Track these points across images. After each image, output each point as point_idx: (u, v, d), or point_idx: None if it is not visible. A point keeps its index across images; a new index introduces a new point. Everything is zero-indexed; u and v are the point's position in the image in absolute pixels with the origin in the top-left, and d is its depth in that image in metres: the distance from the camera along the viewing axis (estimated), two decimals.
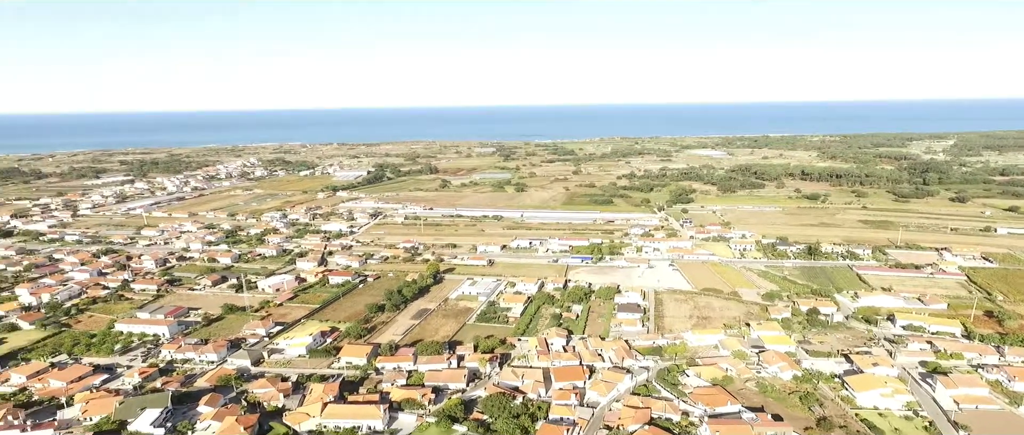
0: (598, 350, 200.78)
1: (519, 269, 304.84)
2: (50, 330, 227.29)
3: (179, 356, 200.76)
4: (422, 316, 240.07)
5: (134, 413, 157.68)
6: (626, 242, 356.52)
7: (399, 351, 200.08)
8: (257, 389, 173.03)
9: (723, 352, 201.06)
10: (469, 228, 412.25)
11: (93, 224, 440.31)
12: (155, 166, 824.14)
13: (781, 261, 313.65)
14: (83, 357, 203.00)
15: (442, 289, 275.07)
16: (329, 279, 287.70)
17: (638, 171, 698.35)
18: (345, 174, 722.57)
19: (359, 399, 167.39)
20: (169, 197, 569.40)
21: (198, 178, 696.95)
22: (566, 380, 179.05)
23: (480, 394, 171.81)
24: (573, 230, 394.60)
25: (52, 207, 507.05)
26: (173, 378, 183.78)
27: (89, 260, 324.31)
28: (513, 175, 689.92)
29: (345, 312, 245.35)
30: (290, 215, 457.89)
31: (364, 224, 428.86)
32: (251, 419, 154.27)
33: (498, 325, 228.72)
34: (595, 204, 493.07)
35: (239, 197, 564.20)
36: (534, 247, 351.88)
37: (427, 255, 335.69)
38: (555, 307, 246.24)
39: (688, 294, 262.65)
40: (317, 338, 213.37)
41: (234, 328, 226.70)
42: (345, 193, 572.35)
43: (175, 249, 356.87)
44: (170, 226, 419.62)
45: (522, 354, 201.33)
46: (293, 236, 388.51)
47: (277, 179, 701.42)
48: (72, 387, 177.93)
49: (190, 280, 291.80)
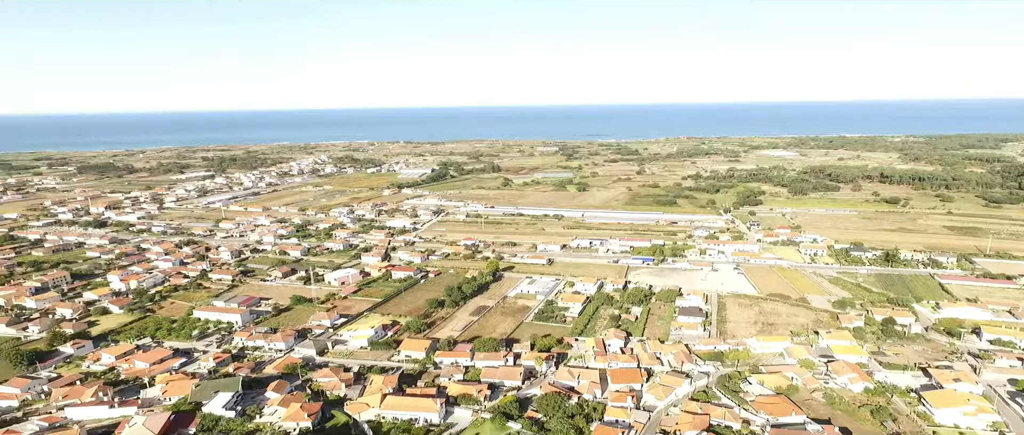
0: (657, 353, 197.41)
1: (578, 269, 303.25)
2: (136, 314, 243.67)
3: (250, 343, 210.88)
4: (480, 313, 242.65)
5: (208, 395, 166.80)
6: (689, 244, 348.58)
7: (457, 347, 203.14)
8: (321, 378, 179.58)
9: (789, 360, 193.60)
10: (529, 227, 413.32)
11: (176, 216, 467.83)
12: (233, 162, 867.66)
13: (855, 267, 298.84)
14: (164, 341, 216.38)
15: (501, 287, 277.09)
16: (392, 274, 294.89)
17: (704, 171, 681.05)
18: (410, 172, 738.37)
19: (417, 392, 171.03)
20: (245, 192, 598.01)
21: (272, 174, 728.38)
22: (623, 382, 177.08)
23: (535, 392, 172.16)
24: (635, 231, 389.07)
25: (141, 200, 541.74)
26: (244, 364, 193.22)
27: (172, 250, 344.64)
28: (575, 174, 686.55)
29: (406, 306, 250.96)
30: (357, 211, 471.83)
31: (427, 221, 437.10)
32: (314, 407, 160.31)
33: (555, 324, 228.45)
34: (658, 205, 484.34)
35: (309, 193, 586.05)
36: (594, 247, 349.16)
37: (487, 253, 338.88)
38: (614, 308, 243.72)
39: (753, 299, 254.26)
40: (379, 331, 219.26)
41: (301, 318, 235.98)
42: (409, 190, 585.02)
43: (249, 241, 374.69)
44: (245, 220, 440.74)
45: (579, 354, 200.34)
46: (359, 231, 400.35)
47: (346, 176, 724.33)
48: (154, 368, 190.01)
49: (262, 271, 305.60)
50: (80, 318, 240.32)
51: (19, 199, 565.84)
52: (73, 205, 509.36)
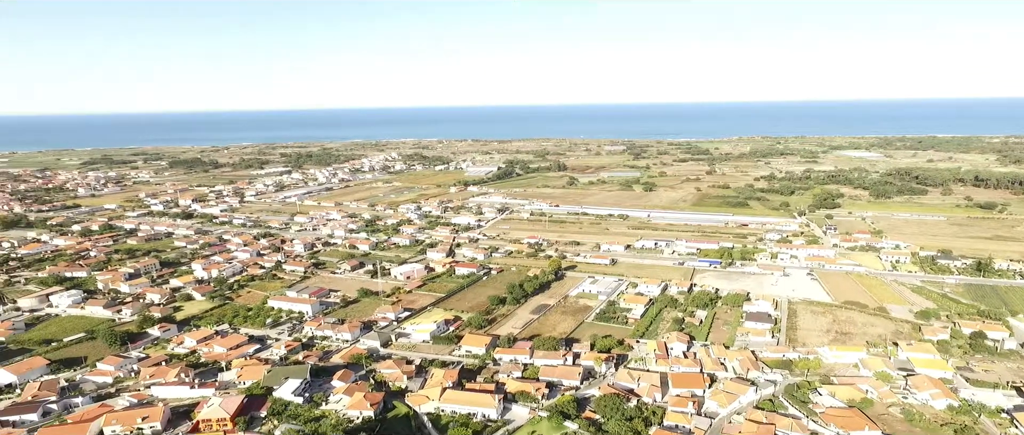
0: (721, 359, 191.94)
1: (642, 270, 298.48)
2: (217, 302, 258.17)
3: (319, 333, 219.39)
4: (541, 311, 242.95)
5: (279, 381, 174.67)
6: (760, 247, 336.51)
7: (517, 344, 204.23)
8: (384, 369, 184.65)
9: (864, 372, 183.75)
10: (593, 226, 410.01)
11: (255, 210, 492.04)
12: (309, 158, 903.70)
13: (942, 276, 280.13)
14: (241, 328, 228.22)
15: (563, 286, 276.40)
16: (455, 270, 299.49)
17: (778, 172, 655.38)
18: (476, 170, 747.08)
19: (476, 387, 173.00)
20: (319, 187, 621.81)
21: (345, 170, 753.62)
22: (684, 387, 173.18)
23: (594, 393, 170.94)
24: (702, 232, 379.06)
25: (224, 194, 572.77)
26: (312, 353, 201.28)
27: (250, 242, 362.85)
28: (642, 174, 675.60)
29: (468, 302, 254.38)
30: (424, 207, 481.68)
31: (491, 218, 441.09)
32: (377, 397, 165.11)
33: (617, 325, 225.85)
34: (728, 206, 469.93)
35: (379, 189, 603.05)
36: (659, 248, 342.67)
37: (550, 251, 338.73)
38: (678, 311, 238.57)
39: (827, 306, 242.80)
40: (441, 325, 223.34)
41: (367, 311, 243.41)
42: (475, 188, 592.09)
43: (321, 235, 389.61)
44: (318, 214, 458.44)
45: (639, 356, 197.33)
46: (425, 227, 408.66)
47: (414, 173, 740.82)
48: (231, 353, 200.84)
49: (332, 264, 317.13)
50: (167, 303, 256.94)
51: (118, 191, 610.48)
52: (164, 197, 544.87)
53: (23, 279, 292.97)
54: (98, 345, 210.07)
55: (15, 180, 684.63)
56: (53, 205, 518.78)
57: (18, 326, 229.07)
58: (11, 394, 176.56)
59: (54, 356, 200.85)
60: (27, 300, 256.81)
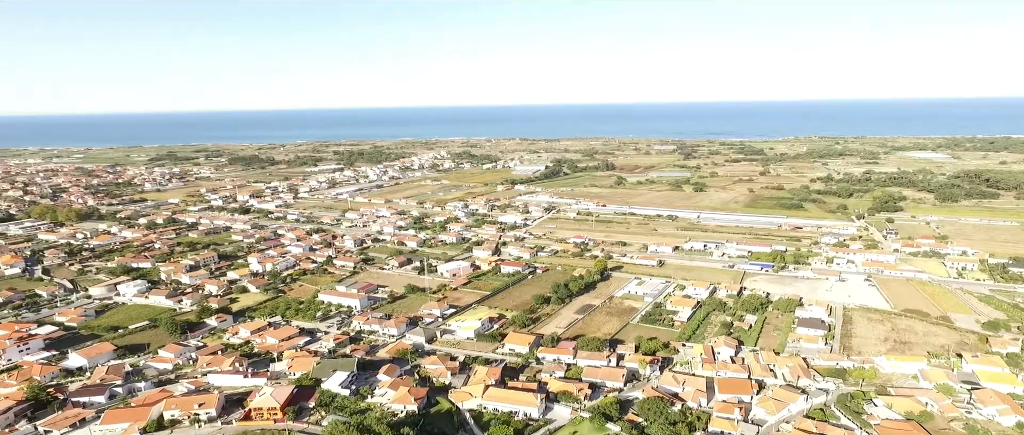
0: (770, 365, 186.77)
1: (690, 272, 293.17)
2: (270, 294, 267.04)
3: (366, 327, 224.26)
4: (586, 311, 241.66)
5: (327, 373, 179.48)
6: (815, 251, 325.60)
7: (560, 343, 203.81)
8: (428, 365, 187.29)
9: (924, 384, 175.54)
10: (641, 227, 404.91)
11: (308, 206, 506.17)
12: (361, 156, 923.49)
13: (1014, 285, 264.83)
14: (292, 320, 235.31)
15: (608, 286, 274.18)
16: (501, 268, 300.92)
17: (836, 173, 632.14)
18: (524, 168, 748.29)
19: (518, 385, 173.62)
20: (370, 184, 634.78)
21: (395, 168, 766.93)
22: (731, 392, 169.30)
23: (637, 396, 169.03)
24: (754, 235, 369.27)
25: (279, 190, 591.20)
26: (360, 346, 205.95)
27: (303, 237, 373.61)
28: (693, 174, 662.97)
29: (513, 301, 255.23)
30: (471, 205, 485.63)
31: (538, 217, 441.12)
32: (421, 392, 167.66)
33: (662, 328, 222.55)
34: (782, 208, 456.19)
35: (428, 187, 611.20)
36: (709, 250, 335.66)
37: (596, 251, 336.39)
38: (726, 315, 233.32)
39: (885, 314, 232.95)
40: (485, 323, 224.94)
41: (414, 307, 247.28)
42: (522, 187, 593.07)
43: (371, 231, 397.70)
44: (368, 211, 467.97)
45: (685, 360, 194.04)
46: (472, 225, 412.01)
47: (462, 171, 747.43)
48: (282, 345, 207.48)
49: (381, 260, 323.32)
50: (224, 295, 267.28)
51: (181, 186, 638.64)
52: (223, 193, 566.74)
53: (94, 268, 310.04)
54: (160, 333, 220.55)
55: (89, 175, 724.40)
56: (122, 199, 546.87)
57: (89, 313, 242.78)
58: (82, 377, 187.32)
59: (120, 342, 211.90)
60: (97, 289, 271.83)
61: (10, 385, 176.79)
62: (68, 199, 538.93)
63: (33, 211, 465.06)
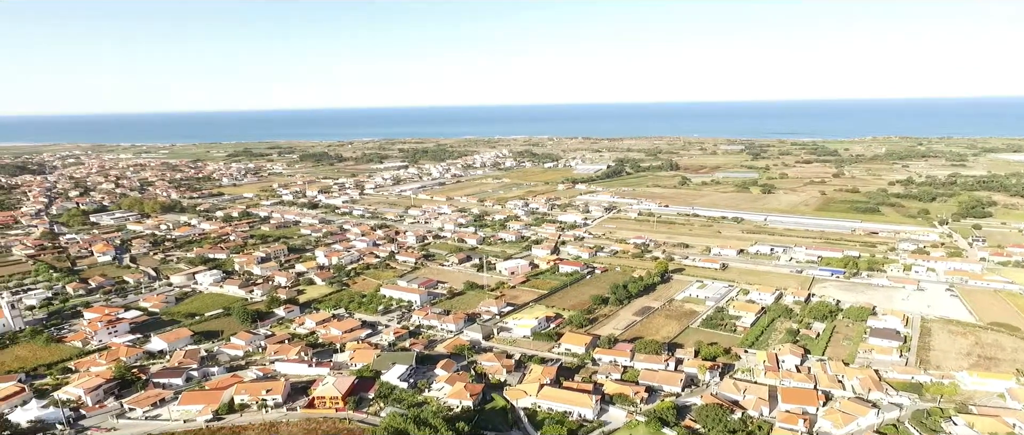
0: (839, 376, 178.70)
1: (755, 276, 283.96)
2: (335, 287, 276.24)
3: (425, 322, 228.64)
4: (644, 313, 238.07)
5: (387, 365, 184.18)
6: (891, 258, 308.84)
7: (617, 345, 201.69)
8: (485, 362, 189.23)
9: (1012, 404, 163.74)
10: (704, 228, 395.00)
11: (373, 202, 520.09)
12: (425, 154, 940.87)
13: None
14: (355, 313, 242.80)
15: (668, 289, 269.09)
16: (559, 267, 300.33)
17: (917, 176, 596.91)
18: (585, 167, 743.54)
19: (573, 386, 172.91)
20: (433, 182, 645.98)
21: (458, 166, 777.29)
22: (795, 402, 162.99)
23: (695, 401, 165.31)
24: (825, 239, 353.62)
25: (346, 186, 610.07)
26: (418, 341, 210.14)
27: (368, 232, 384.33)
28: (761, 175, 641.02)
29: (570, 300, 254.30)
30: (531, 204, 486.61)
31: (598, 217, 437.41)
32: (477, 388, 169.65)
33: (724, 333, 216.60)
34: (856, 212, 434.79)
35: (489, 185, 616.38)
36: (775, 254, 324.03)
37: (657, 253, 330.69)
38: (792, 322, 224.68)
39: (968, 327, 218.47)
40: (542, 322, 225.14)
41: (472, 304, 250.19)
42: (583, 186, 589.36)
43: (432, 228, 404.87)
44: (430, 208, 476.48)
45: (747, 367, 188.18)
46: (531, 224, 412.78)
47: (523, 170, 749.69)
48: (345, 336, 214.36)
49: (441, 257, 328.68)
50: (292, 286, 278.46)
51: (255, 181, 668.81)
52: (294, 188, 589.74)
53: (175, 258, 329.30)
54: (232, 321, 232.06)
55: (173, 170, 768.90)
56: (202, 193, 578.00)
57: (170, 300, 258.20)
58: (162, 359, 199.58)
59: (197, 328, 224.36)
60: (178, 277, 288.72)
61: (100, 364, 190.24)
62: (154, 192, 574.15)
63: (123, 203, 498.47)
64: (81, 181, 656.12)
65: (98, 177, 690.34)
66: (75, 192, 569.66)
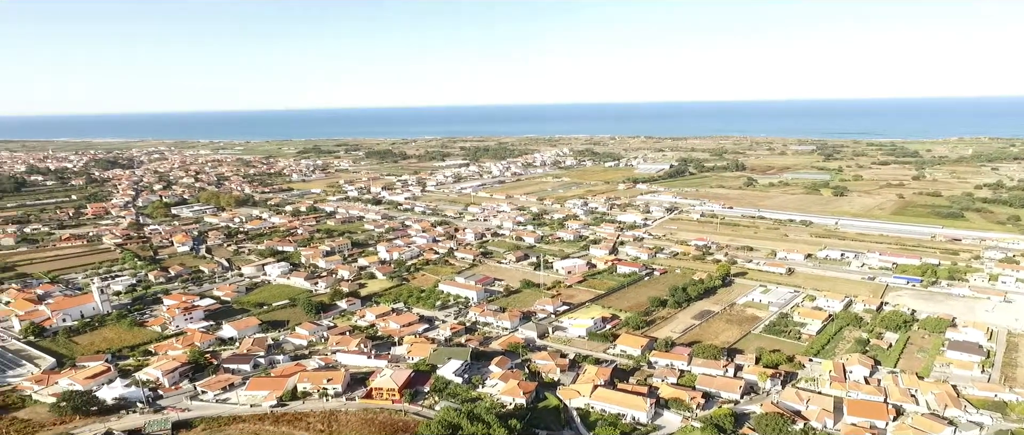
0: (912, 390, 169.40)
1: (823, 282, 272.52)
2: (395, 282, 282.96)
3: (481, 319, 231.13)
4: (704, 317, 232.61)
5: (443, 360, 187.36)
6: (975, 267, 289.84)
7: (674, 349, 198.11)
8: (539, 360, 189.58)
9: None
10: (770, 231, 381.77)
11: (434, 199, 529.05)
12: (485, 152, 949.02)
13: None
14: (413, 307, 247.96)
15: (730, 292, 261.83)
16: (617, 268, 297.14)
17: (1009, 179, 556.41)
18: (647, 167, 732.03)
19: (628, 388, 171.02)
20: (492, 180, 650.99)
21: (518, 164, 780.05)
22: (862, 416, 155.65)
23: (754, 410, 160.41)
24: (901, 245, 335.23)
25: (408, 183, 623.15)
26: (474, 337, 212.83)
27: (428, 229, 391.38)
28: (833, 176, 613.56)
29: (627, 302, 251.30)
30: (590, 204, 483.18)
31: (659, 217, 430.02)
32: (530, 386, 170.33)
33: (787, 340, 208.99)
34: (937, 217, 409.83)
35: (548, 184, 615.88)
36: (846, 259, 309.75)
37: (719, 255, 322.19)
38: (862, 331, 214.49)
39: None
40: (598, 322, 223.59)
41: (527, 302, 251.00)
42: (644, 186, 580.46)
43: (491, 226, 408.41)
44: (490, 205, 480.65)
45: (811, 376, 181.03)
46: (590, 223, 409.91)
47: (584, 169, 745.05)
48: (403, 330, 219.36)
49: (499, 254, 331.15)
50: (354, 280, 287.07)
51: (322, 177, 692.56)
52: (359, 184, 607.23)
53: (247, 250, 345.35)
54: (298, 312, 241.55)
55: (247, 166, 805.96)
56: (273, 188, 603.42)
57: (240, 290, 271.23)
58: (232, 346, 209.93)
59: (264, 317, 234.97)
60: (248, 268, 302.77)
61: (177, 348, 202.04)
62: (229, 187, 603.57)
63: (201, 197, 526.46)
64: (164, 175, 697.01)
65: (179, 172, 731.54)
66: (159, 186, 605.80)
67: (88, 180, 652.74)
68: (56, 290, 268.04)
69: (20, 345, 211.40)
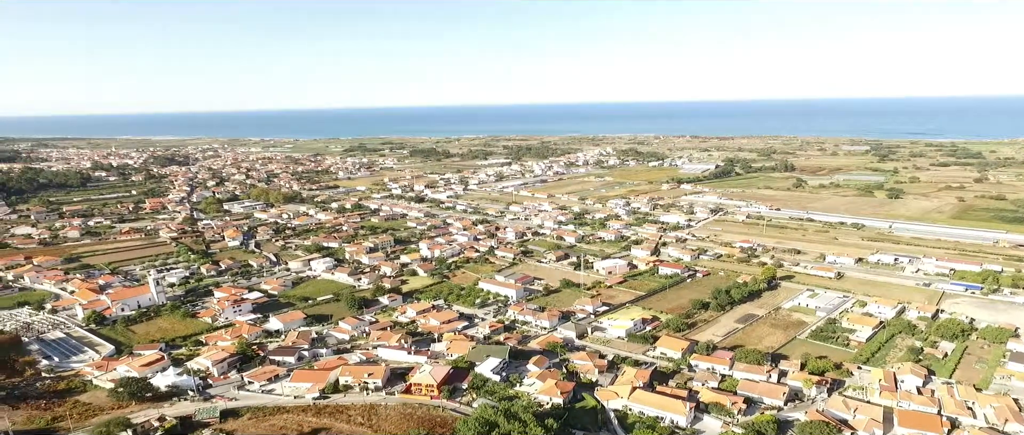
0: (969, 402, 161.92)
1: (874, 287, 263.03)
2: (436, 279, 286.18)
3: (520, 318, 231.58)
4: (747, 321, 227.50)
5: (481, 358, 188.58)
6: None
7: (716, 352, 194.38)
8: (577, 360, 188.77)
9: None
10: (819, 234, 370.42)
11: (476, 197, 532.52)
12: (528, 151, 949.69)
13: None
14: (453, 304, 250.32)
15: (775, 296, 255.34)
16: (659, 269, 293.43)
17: None
18: (692, 167, 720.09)
19: (667, 391, 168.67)
20: (534, 179, 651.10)
21: (560, 163, 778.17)
22: (914, 427, 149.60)
23: (798, 417, 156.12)
24: (960, 250, 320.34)
25: (451, 181, 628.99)
26: (513, 335, 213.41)
27: (469, 227, 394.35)
28: (888, 178, 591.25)
29: (668, 303, 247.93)
30: (632, 204, 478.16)
31: (703, 219, 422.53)
32: (568, 386, 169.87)
33: (835, 346, 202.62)
34: (1001, 221, 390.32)
35: (590, 183, 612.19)
36: (900, 264, 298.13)
37: (764, 258, 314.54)
38: (915, 339, 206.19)
39: None
40: (637, 324, 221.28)
41: (567, 301, 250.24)
42: (688, 186, 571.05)
43: (532, 225, 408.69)
44: (531, 204, 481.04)
45: (859, 385, 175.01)
46: (632, 224, 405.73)
47: (627, 168, 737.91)
48: (443, 327, 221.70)
49: (539, 253, 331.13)
50: (396, 276, 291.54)
51: (368, 175, 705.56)
52: (402, 182, 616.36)
53: (293, 245, 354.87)
54: (341, 306, 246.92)
55: (296, 163, 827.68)
56: (320, 185, 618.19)
57: (287, 284, 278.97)
58: (278, 338, 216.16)
59: (309, 311, 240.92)
60: (295, 263, 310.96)
61: (226, 339, 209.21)
62: (278, 184, 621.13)
63: (252, 193, 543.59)
64: (217, 172, 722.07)
65: (231, 169, 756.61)
66: (212, 182, 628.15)
67: (147, 176, 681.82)
68: (116, 281, 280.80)
69: (83, 332, 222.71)
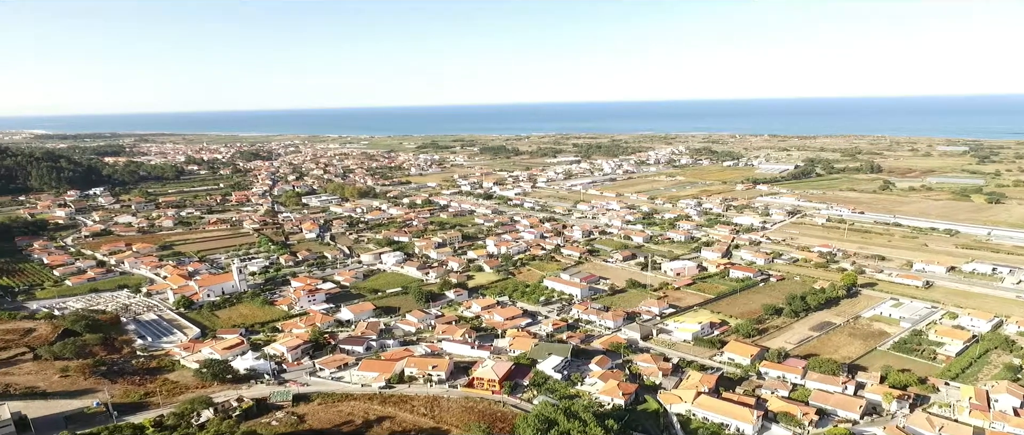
0: None
1: (967, 299, 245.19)
2: (501, 275, 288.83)
3: (584, 317, 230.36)
4: (823, 329, 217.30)
5: (543, 355, 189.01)
6: None
7: (788, 360, 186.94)
8: (640, 362, 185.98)
9: None
10: (907, 240, 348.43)
11: (544, 195, 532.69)
12: (598, 149, 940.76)
13: None
14: (517, 301, 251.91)
15: (854, 304, 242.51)
16: (730, 272, 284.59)
17: None
18: (769, 167, 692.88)
19: (734, 398, 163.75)
20: (603, 178, 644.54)
21: (631, 162, 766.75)
22: None
23: (876, 433, 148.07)
24: None
25: (519, 179, 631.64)
26: (576, 334, 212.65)
27: (536, 224, 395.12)
28: (987, 181, 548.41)
29: (738, 308, 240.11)
30: (704, 204, 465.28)
31: (778, 221, 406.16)
32: (630, 387, 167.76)
33: (920, 360, 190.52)
34: None
35: (661, 183, 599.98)
36: (998, 275, 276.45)
37: (845, 264, 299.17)
38: (1013, 356, 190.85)
39: None
40: (705, 327, 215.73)
41: (632, 302, 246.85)
42: (765, 187, 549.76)
43: (599, 224, 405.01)
44: (599, 203, 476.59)
45: (946, 402, 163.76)
46: (703, 225, 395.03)
47: (700, 167, 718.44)
48: (506, 323, 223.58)
49: (606, 253, 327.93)
50: (462, 272, 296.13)
51: (438, 172, 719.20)
52: (472, 179, 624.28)
53: (366, 239, 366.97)
54: (409, 299, 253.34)
55: (370, 159, 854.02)
56: (392, 181, 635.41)
57: (358, 276, 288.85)
58: (348, 328, 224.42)
59: (378, 303, 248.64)
60: (366, 256, 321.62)
61: (300, 327, 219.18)
62: (353, 179, 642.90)
63: (328, 187, 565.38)
64: (297, 167, 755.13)
65: (310, 164, 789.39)
66: (292, 176, 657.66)
67: (234, 170, 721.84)
68: (203, 268, 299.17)
69: (173, 315, 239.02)
